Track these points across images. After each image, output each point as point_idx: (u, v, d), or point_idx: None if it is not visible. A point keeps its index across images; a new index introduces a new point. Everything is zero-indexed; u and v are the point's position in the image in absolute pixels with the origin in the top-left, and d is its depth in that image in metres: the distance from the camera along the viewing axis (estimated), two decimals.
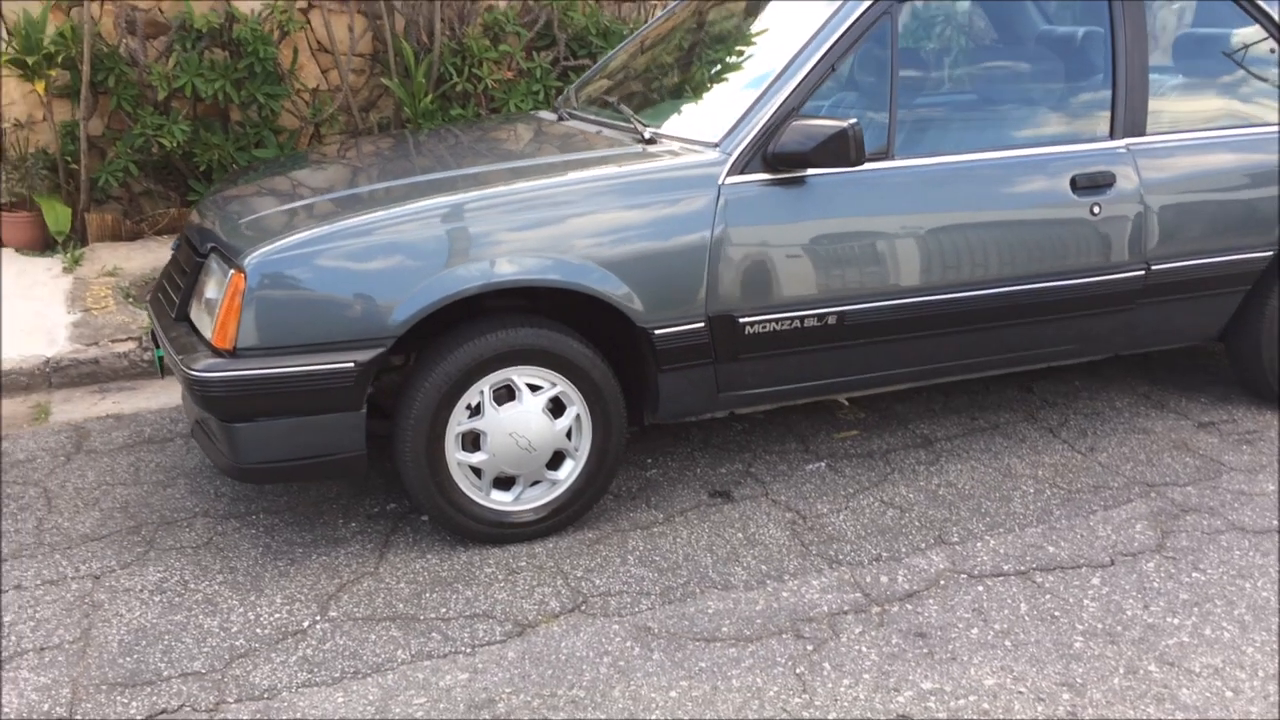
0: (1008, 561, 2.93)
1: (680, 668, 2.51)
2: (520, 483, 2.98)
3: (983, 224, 3.21)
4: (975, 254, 3.20)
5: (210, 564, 2.92)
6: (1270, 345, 3.70)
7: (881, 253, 3.11)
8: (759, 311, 3.03)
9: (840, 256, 3.07)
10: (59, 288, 5.04)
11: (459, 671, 2.50)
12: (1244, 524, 3.10)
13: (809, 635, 2.63)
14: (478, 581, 2.85)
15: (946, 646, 2.59)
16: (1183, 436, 3.65)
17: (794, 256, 3.03)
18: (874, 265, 3.11)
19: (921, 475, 3.40)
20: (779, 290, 3.03)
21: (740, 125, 3.04)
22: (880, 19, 3.14)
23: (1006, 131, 3.43)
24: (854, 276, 3.09)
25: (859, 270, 3.10)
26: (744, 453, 3.56)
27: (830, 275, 3.07)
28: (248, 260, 2.70)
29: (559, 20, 5.97)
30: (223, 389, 2.68)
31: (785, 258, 3.03)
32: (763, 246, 3.00)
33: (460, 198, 2.86)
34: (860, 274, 3.10)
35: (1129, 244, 3.36)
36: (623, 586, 2.83)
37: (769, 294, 3.03)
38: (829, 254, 3.06)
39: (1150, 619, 2.68)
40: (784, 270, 3.03)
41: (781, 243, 3.02)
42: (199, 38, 5.36)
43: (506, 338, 2.86)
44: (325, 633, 2.63)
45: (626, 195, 2.94)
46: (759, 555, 2.97)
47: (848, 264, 3.08)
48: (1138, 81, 3.39)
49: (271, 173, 3.63)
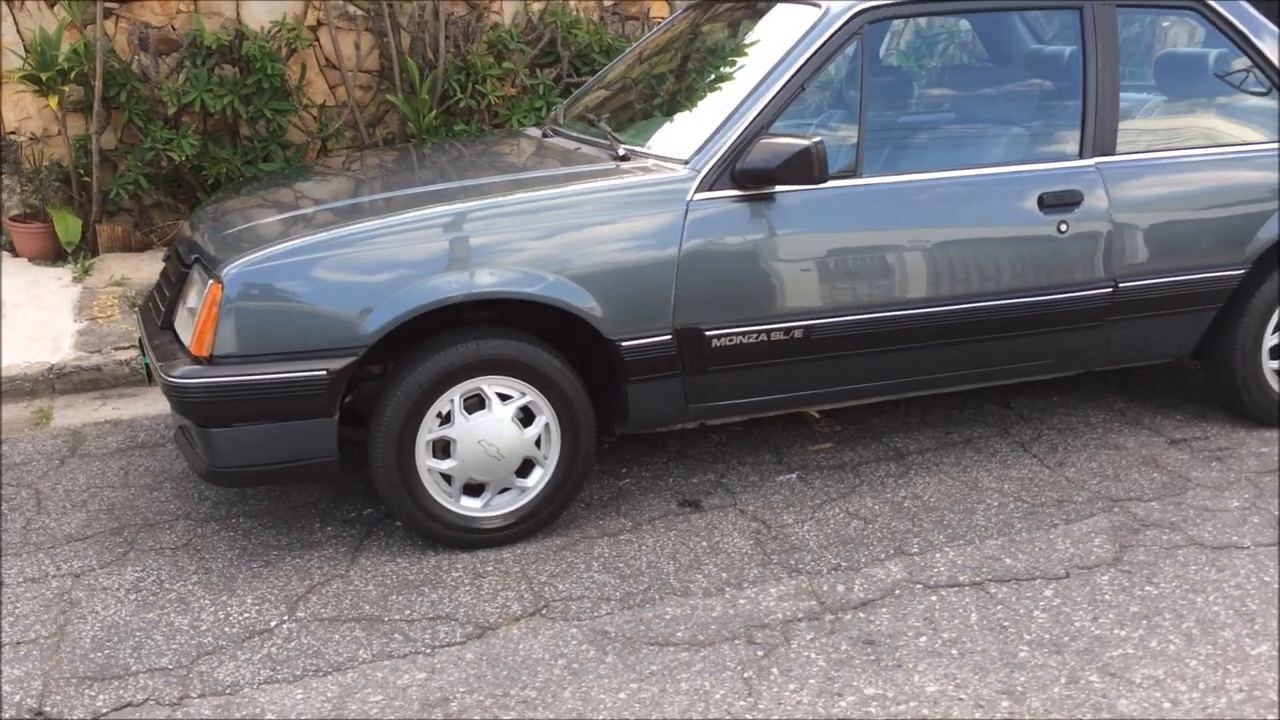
0: (964, 572, 2.98)
1: (632, 670, 2.58)
2: (489, 489, 3.07)
3: (949, 241, 3.27)
4: (941, 270, 3.26)
5: (187, 565, 3.02)
6: (1245, 363, 3.73)
7: (847, 268, 3.18)
8: (726, 325, 3.10)
9: (806, 272, 3.15)
10: (68, 297, 5.18)
11: (417, 671, 2.58)
12: (1203, 539, 3.14)
13: (761, 641, 2.69)
14: (444, 585, 2.93)
15: (894, 654, 2.64)
16: (1153, 452, 3.69)
17: (761, 271, 3.11)
18: (839, 280, 3.18)
19: (889, 488, 3.46)
20: (745, 304, 3.11)
21: (709, 143, 3.12)
22: (850, 40, 3.22)
23: (976, 150, 3.49)
24: (819, 291, 3.16)
25: (824, 285, 3.17)
26: (718, 463, 3.63)
27: (796, 290, 3.14)
28: (225, 271, 2.80)
29: (562, 38, 6.08)
30: (199, 395, 2.79)
31: (752, 272, 3.10)
32: (730, 261, 3.08)
33: (430, 213, 2.96)
34: (825, 289, 3.17)
35: (1096, 261, 3.41)
36: (584, 591, 2.91)
37: (736, 308, 3.10)
38: (795, 269, 3.14)
39: (1098, 630, 2.73)
40: (751, 284, 3.10)
41: (748, 258, 3.09)
42: (209, 54, 5.50)
43: (476, 348, 2.95)
44: (291, 632, 2.72)
45: (596, 210, 3.03)
46: (721, 563, 3.04)
47: (813, 279, 3.15)
48: (1108, 101, 3.44)
49: (264, 186, 3.75)
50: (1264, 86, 3.67)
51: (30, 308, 5.05)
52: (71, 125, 5.57)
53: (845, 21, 3.20)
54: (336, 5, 5.85)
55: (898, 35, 3.62)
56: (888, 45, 3.65)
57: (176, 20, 5.70)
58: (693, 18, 4.01)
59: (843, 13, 3.21)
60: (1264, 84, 3.67)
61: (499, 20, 6.17)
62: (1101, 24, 3.45)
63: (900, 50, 3.72)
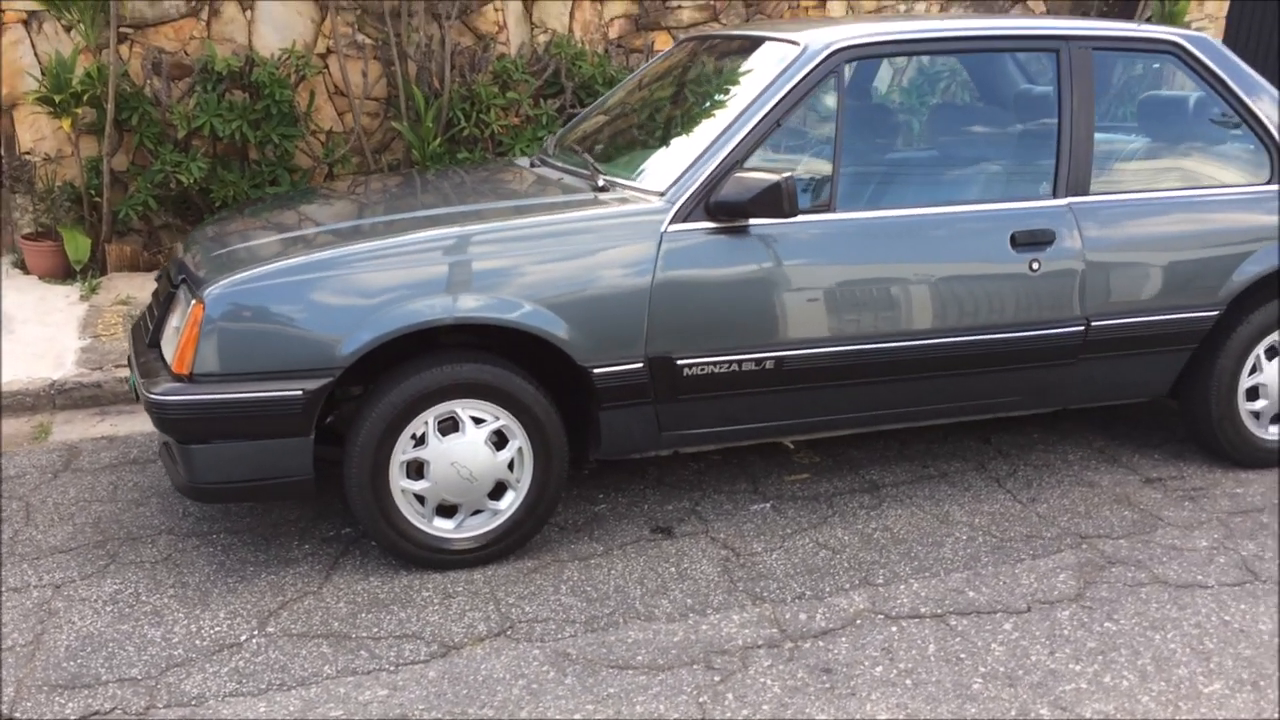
0: (926, 604, 3.02)
1: (590, 692, 2.63)
2: (462, 511, 3.13)
3: (920, 277, 3.32)
4: (912, 305, 3.31)
5: (164, 578, 3.09)
6: (1220, 404, 3.76)
7: (818, 301, 3.24)
8: (697, 354, 3.16)
9: (777, 304, 3.20)
10: (74, 314, 5.29)
11: (379, 688, 2.64)
12: (1168, 578, 3.17)
13: (719, 667, 2.74)
14: (413, 604, 2.99)
15: (849, 683, 2.68)
16: (1127, 491, 3.72)
17: (733, 302, 3.17)
18: (810, 313, 3.23)
19: (861, 519, 3.50)
20: (717, 334, 3.17)
21: (685, 176, 3.19)
22: (827, 77, 3.29)
23: (951, 188, 3.55)
24: (790, 323, 3.22)
25: (795, 317, 3.22)
26: (694, 491, 3.68)
27: (767, 321, 3.20)
28: (207, 292, 2.89)
29: (567, 69, 6.18)
30: (179, 412, 2.87)
31: (724, 303, 3.16)
32: (702, 292, 3.14)
33: (407, 239, 3.04)
34: (796, 321, 3.23)
35: (1069, 300, 3.46)
36: (550, 614, 2.96)
37: (707, 338, 3.16)
38: (766, 301, 3.19)
39: (1053, 665, 2.76)
40: (722, 315, 3.16)
41: (721, 289, 3.16)
42: (220, 80, 5.63)
43: (451, 372, 3.02)
44: (260, 646, 2.79)
45: (571, 240, 3.10)
46: (687, 589, 3.09)
47: (784, 311, 3.21)
48: (1082, 142, 3.49)
49: (254, 210, 3.84)
50: (1241, 130, 3.72)
51: (36, 324, 5.16)
52: (84, 147, 5.70)
53: (822, 59, 3.28)
54: (346, 34, 5.97)
55: (876, 74, 3.68)
56: (865, 83, 3.71)
57: (190, 46, 5.84)
58: (688, 51, 4.09)
59: (820, 51, 3.29)
60: (1241, 128, 3.71)
61: (505, 51, 6.28)
62: (1077, 66, 3.51)
63: (878, 88, 3.79)
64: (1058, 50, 3.51)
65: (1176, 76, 3.77)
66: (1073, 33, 3.53)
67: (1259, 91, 3.71)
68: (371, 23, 6.01)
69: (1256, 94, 3.70)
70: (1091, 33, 3.56)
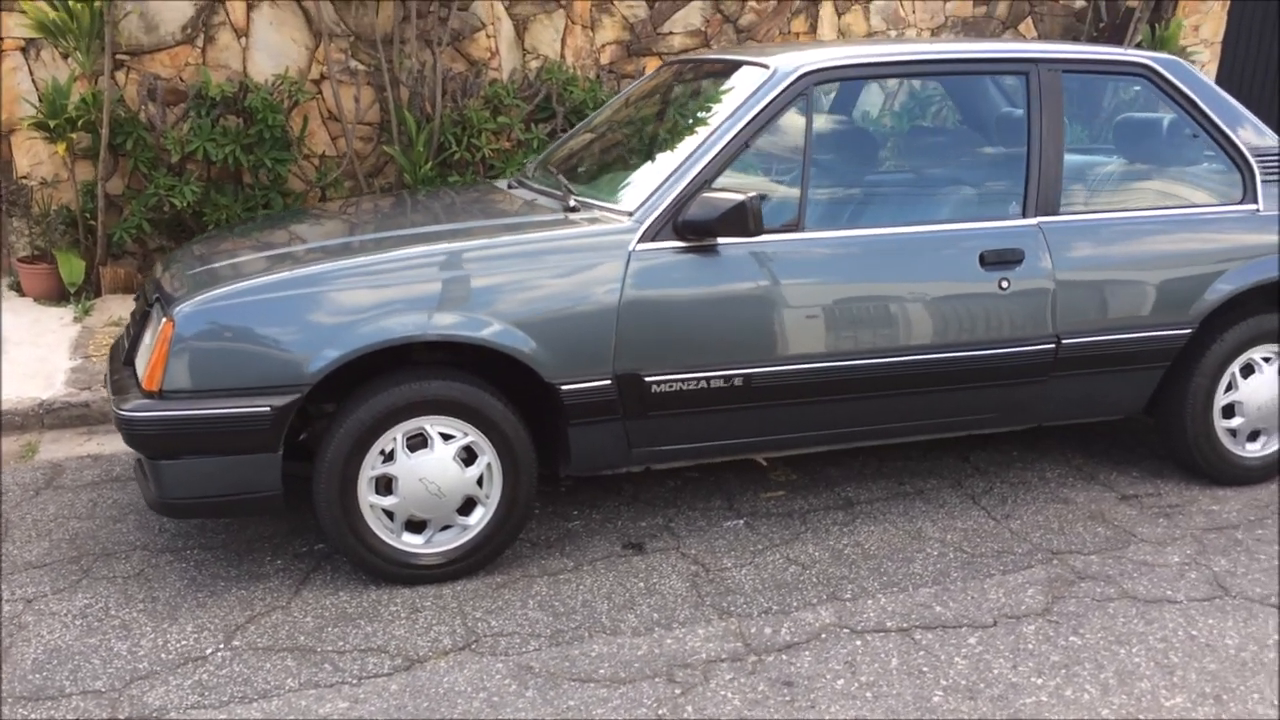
0: (892, 619, 3.03)
1: (549, 705, 2.65)
2: (431, 526, 3.15)
3: (888, 295, 3.34)
4: (881, 323, 3.33)
5: (135, 593, 3.12)
6: (1196, 421, 3.76)
7: (786, 319, 3.26)
8: (665, 371, 3.19)
9: (745, 321, 3.23)
10: (66, 335, 5.35)
11: (340, 700, 2.66)
12: (1137, 593, 3.17)
13: (680, 680, 2.75)
14: (380, 618, 3.01)
15: (809, 695, 2.69)
16: (1102, 507, 3.72)
17: (700, 320, 3.19)
18: (778, 331, 3.25)
19: (833, 535, 3.51)
20: (685, 351, 3.19)
21: (654, 196, 3.23)
22: (796, 99, 3.33)
23: (921, 208, 3.58)
24: (758, 340, 3.24)
25: (763, 335, 3.25)
26: (668, 508, 3.70)
27: (735, 339, 3.22)
28: (177, 310, 2.93)
29: (558, 94, 6.24)
30: (147, 428, 2.91)
31: (692, 321, 3.19)
32: (670, 309, 3.17)
33: (376, 258, 3.08)
34: (764, 338, 3.25)
35: (1038, 318, 3.47)
36: (516, 628, 2.97)
37: (675, 355, 3.19)
38: (734, 319, 3.22)
39: (1015, 679, 2.76)
40: (690, 332, 3.19)
41: (688, 306, 3.18)
42: (213, 105, 5.70)
43: (419, 389, 3.05)
44: (225, 660, 2.81)
45: (540, 259, 3.14)
46: (654, 604, 3.10)
47: (751, 329, 3.23)
48: (1052, 163, 3.52)
49: (237, 230, 3.89)
50: (1213, 151, 3.74)
51: (29, 345, 5.22)
52: (80, 171, 5.78)
53: (791, 82, 3.32)
54: (339, 60, 6.05)
55: (845, 96, 3.72)
56: (835, 105, 3.76)
57: (185, 72, 5.92)
58: (668, 74, 4.13)
59: (789, 73, 3.33)
60: (1213, 149, 3.74)
61: (497, 76, 6.35)
62: (1047, 88, 3.54)
63: (848, 110, 3.83)
64: (1028, 73, 3.54)
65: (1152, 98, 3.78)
66: (1043, 55, 3.57)
67: (1230, 113, 3.74)
68: (365, 49, 6.09)
69: (1228, 116, 3.73)
70: (1062, 55, 3.60)
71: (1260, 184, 3.71)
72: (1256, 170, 3.71)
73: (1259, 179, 3.71)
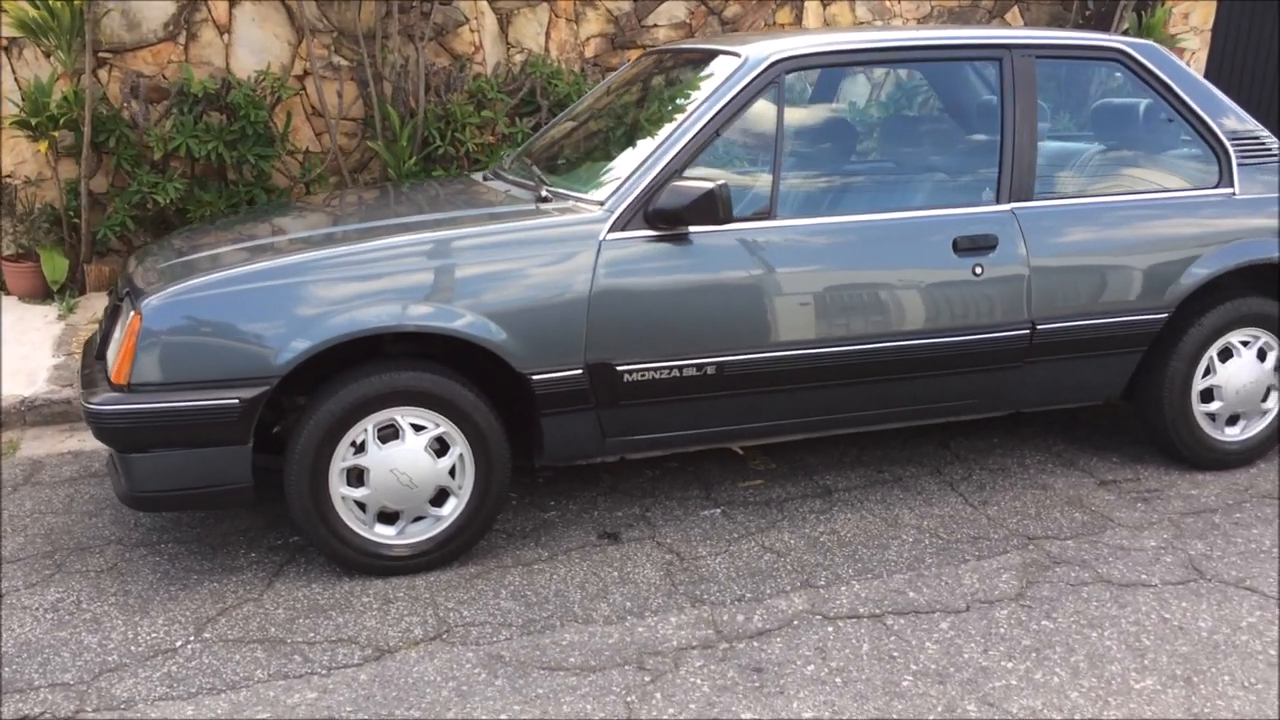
0: (865, 605, 3.02)
1: (519, 693, 2.64)
2: (404, 517, 3.15)
3: (862, 282, 3.33)
4: (855, 310, 3.33)
5: (108, 587, 3.12)
6: (1174, 406, 3.76)
7: (758, 308, 3.25)
8: (637, 360, 3.18)
9: (717, 310, 3.22)
10: (50, 333, 5.35)
11: (309, 691, 2.65)
12: (1111, 577, 3.16)
13: (650, 667, 2.74)
14: (352, 610, 3.01)
15: (778, 681, 2.68)
16: (1080, 493, 3.71)
17: (672, 308, 3.19)
18: (749, 319, 3.25)
19: (810, 523, 3.50)
20: (657, 340, 3.18)
21: (624, 185, 3.22)
22: (768, 87, 3.32)
23: (895, 195, 3.57)
24: (730, 329, 3.23)
25: (736, 323, 3.24)
26: (645, 498, 3.69)
27: (707, 327, 3.22)
28: (145, 303, 2.93)
29: (542, 88, 6.23)
30: (116, 421, 2.90)
31: (663, 309, 3.18)
32: (641, 299, 3.16)
33: (345, 250, 3.07)
34: (738, 327, 3.24)
35: (1013, 304, 3.46)
36: (488, 618, 2.97)
37: (647, 344, 3.18)
38: (706, 307, 3.21)
39: (986, 662, 2.76)
40: (662, 321, 3.18)
41: (660, 295, 3.18)
42: (196, 102, 5.70)
43: (390, 380, 3.04)
44: (194, 652, 2.81)
45: (510, 249, 3.13)
46: (628, 593, 3.10)
47: (725, 317, 3.23)
48: (1025, 148, 3.51)
49: (215, 225, 3.88)
50: (1188, 136, 3.73)
51: (13, 343, 5.21)
52: (64, 169, 5.77)
53: (762, 70, 3.31)
54: (322, 56, 6.04)
55: (818, 84, 3.71)
56: (807, 93, 3.75)
57: (168, 70, 5.91)
58: (646, 65, 4.12)
59: (760, 61, 3.32)
60: (1189, 133, 3.73)
61: (481, 71, 6.34)
62: (1020, 74, 3.53)
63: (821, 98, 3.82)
64: (1001, 59, 3.53)
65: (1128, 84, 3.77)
66: (1016, 41, 3.56)
67: (1206, 98, 3.73)
68: (348, 45, 6.08)
69: (1204, 101, 3.72)
70: (1035, 41, 3.59)
71: (1236, 168, 3.70)
72: (1233, 154, 3.70)
73: (1235, 163, 3.70)
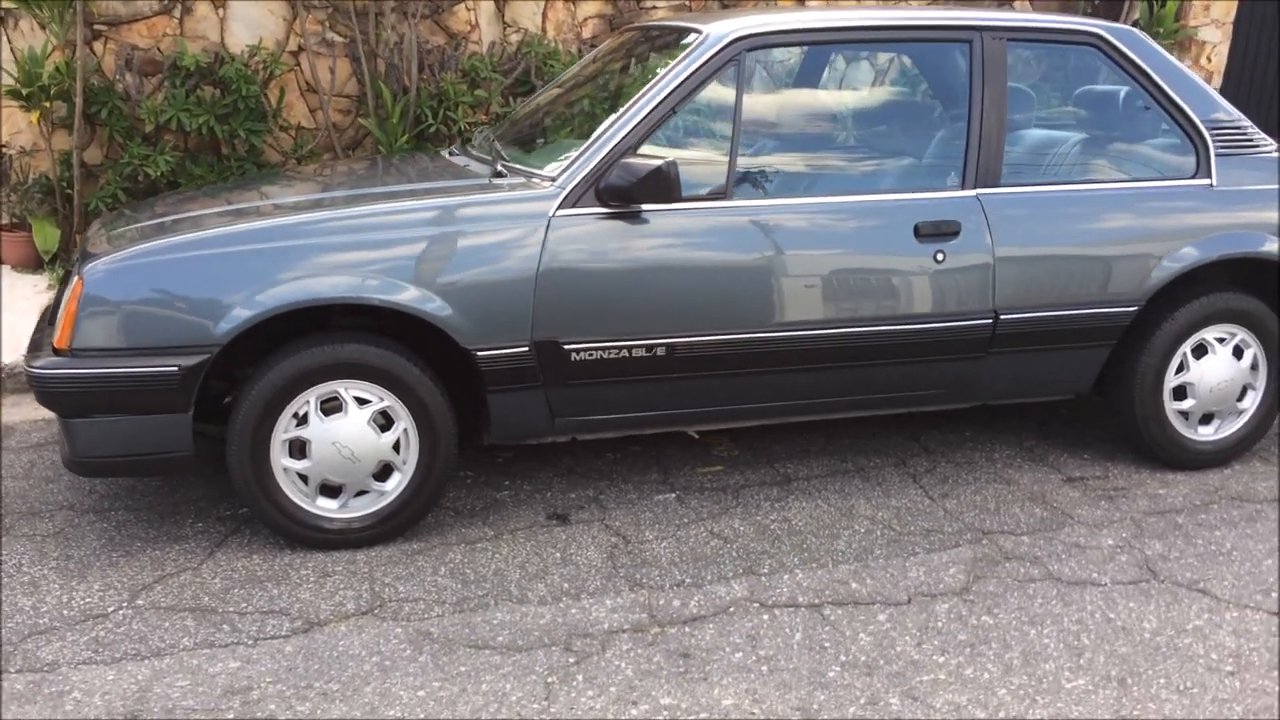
0: (805, 594, 2.98)
1: (440, 670, 2.63)
2: (346, 491, 3.13)
3: (817, 266, 3.28)
4: (808, 294, 3.28)
5: (51, 551, 3.13)
6: (1145, 403, 3.68)
7: (711, 289, 3.21)
8: (584, 339, 3.15)
9: (667, 290, 3.18)
10: (37, 303, 5.37)
11: (232, 660, 2.65)
12: (1061, 575, 3.11)
13: (577, 649, 2.72)
14: (289, 582, 3.00)
15: (704, 667, 2.65)
16: (1044, 489, 3.65)
17: (621, 287, 3.15)
18: (703, 301, 3.20)
19: (763, 511, 3.46)
20: (605, 319, 3.15)
21: (576, 162, 3.18)
22: (726, 66, 3.27)
23: (856, 179, 3.51)
24: (680, 310, 3.19)
25: (687, 305, 3.19)
26: (601, 480, 3.66)
27: (657, 307, 3.18)
28: (87, 269, 2.92)
29: (537, 68, 6.20)
30: (57, 386, 2.90)
31: (612, 288, 3.14)
32: (590, 276, 3.13)
33: (291, 220, 3.06)
34: (689, 308, 3.20)
35: (976, 292, 3.40)
36: (423, 594, 2.96)
37: (595, 322, 3.14)
38: (656, 287, 3.17)
39: (917, 656, 2.71)
40: (610, 300, 3.14)
41: (609, 274, 3.14)
42: (189, 75, 5.71)
43: (332, 352, 3.03)
44: (125, 618, 2.81)
45: (458, 224, 3.10)
46: (567, 574, 3.07)
47: (675, 298, 3.18)
48: (993, 134, 3.44)
49: (180, 195, 3.89)
50: (1166, 125, 3.65)
51: (4, 311, 5.25)
52: (57, 141, 5.80)
53: (721, 48, 3.26)
54: (316, 32, 6.03)
55: (779, 62, 3.66)
56: (768, 72, 3.69)
57: (163, 43, 5.91)
58: (620, 42, 4.08)
59: (719, 39, 3.27)
60: (1166, 122, 3.64)
61: (477, 50, 6.31)
62: (990, 57, 3.46)
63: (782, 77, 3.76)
64: (970, 41, 3.46)
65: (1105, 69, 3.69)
66: (987, 23, 3.49)
67: (1186, 86, 3.64)
68: (343, 21, 6.06)
69: (1183, 88, 3.63)
70: (1007, 23, 3.52)
71: (1215, 158, 3.61)
72: (1211, 144, 3.61)
73: (1213, 153, 3.61)
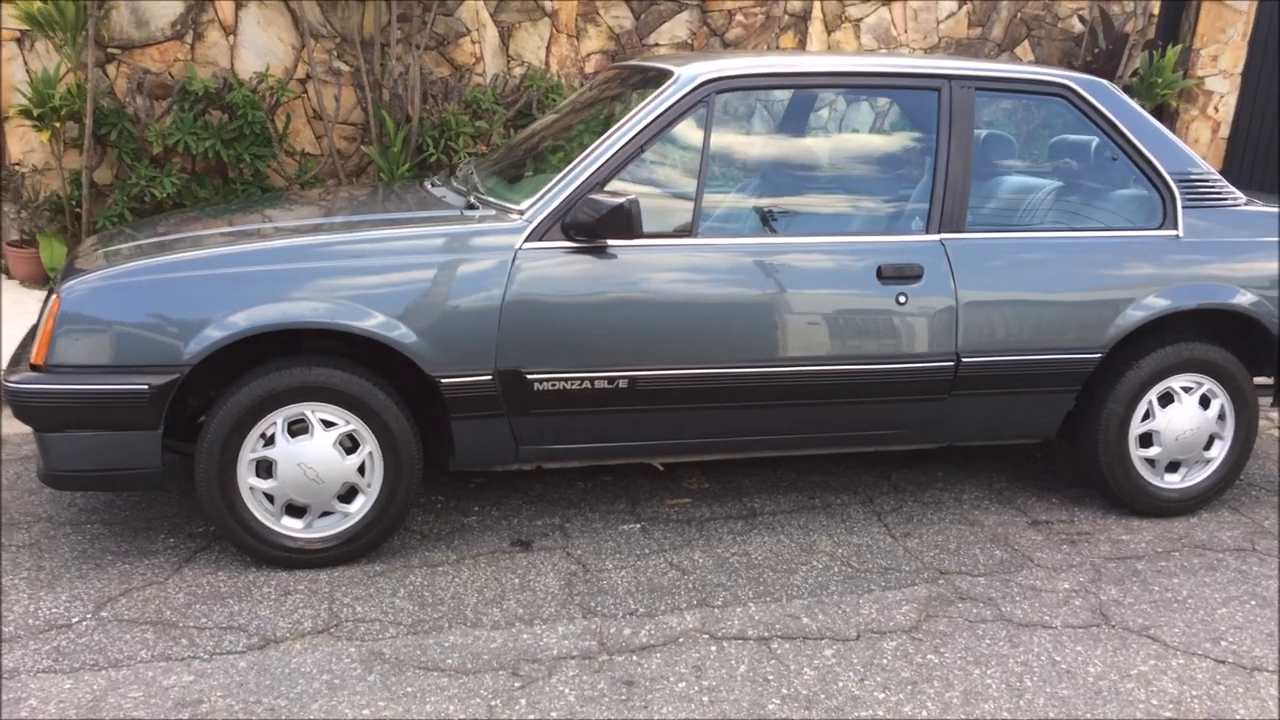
0: (755, 627, 3.03)
1: (388, 690, 2.68)
2: (311, 512, 3.20)
3: (779, 304, 3.33)
4: (771, 332, 3.34)
5: (23, 561, 3.21)
6: (1109, 449, 3.71)
7: (673, 324, 3.27)
8: (548, 370, 3.22)
9: (631, 324, 3.24)
10: None
11: (186, 674, 2.72)
12: (1013, 617, 3.14)
13: (524, 674, 2.77)
14: (250, 599, 3.07)
15: (645, 695, 2.70)
16: (1008, 531, 3.68)
17: (584, 320, 3.22)
18: (665, 335, 3.27)
19: (725, 544, 3.51)
20: (568, 350, 3.22)
21: (544, 196, 3.26)
22: (695, 106, 3.35)
23: (822, 220, 3.58)
24: (643, 344, 3.25)
25: (650, 339, 3.26)
26: (569, 508, 3.72)
27: (620, 341, 3.24)
28: (65, 287, 3.02)
29: (539, 101, 6.32)
30: (32, 400, 3.00)
31: (575, 320, 3.21)
32: (554, 309, 3.19)
33: (263, 246, 3.15)
34: (652, 342, 3.26)
35: (938, 335, 3.45)
36: (379, 615, 3.02)
37: (558, 354, 3.21)
38: (619, 321, 3.24)
39: (858, 692, 2.75)
40: (573, 332, 3.21)
41: (573, 306, 3.21)
42: (197, 100, 5.85)
43: (299, 375, 3.11)
44: (88, 629, 2.88)
45: (427, 254, 3.18)
46: (523, 600, 3.13)
47: (638, 332, 3.25)
48: (958, 180, 3.50)
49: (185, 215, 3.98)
50: (1133, 174, 3.70)
51: (7, 325, 5.37)
52: (68, 160, 5.95)
53: (691, 89, 3.34)
54: (323, 60, 6.17)
55: (749, 105, 3.73)
56: (737, 114, 3.77)
57: (174, 68, 6.07)
58: (606, 80, 4.16)
59: (690, 81, 3.36)
60: (1134, 173, 3.70)
61: (481, 82, 6.44)
62: (958, 105, 3.53)
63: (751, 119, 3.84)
64: (939, 89, 3.53)
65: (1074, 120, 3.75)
66: (956, 73, 3.55)
67: (1154, 138, 3.69)
68: (350, 51, 6.20)
69: (1150, 139, 3.68)
70: (975, 73, 3.58)
71: (1181, 209, 3.66)
72: (1178, 195, 3.66)
73: (1180, 204, 3.66)
